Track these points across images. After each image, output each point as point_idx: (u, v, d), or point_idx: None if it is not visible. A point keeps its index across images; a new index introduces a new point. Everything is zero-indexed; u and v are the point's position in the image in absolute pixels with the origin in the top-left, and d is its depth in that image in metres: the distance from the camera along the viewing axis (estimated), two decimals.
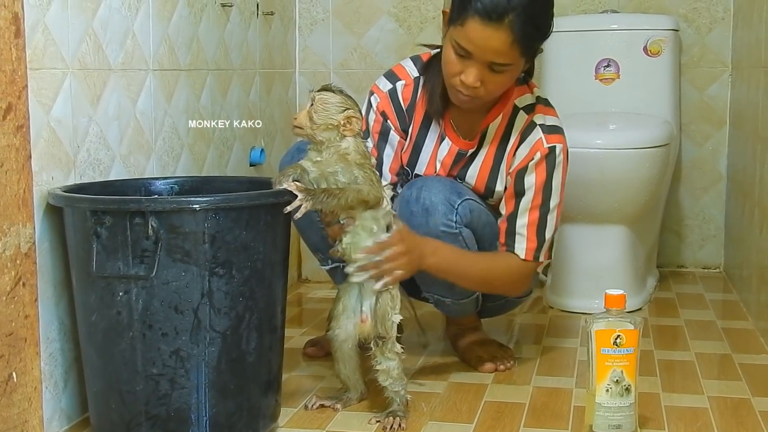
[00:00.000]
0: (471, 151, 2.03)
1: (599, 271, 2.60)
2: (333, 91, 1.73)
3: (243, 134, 2.57)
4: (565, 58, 2.95)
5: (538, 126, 1.99)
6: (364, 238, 1.74)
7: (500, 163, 2.02)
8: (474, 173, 2.03)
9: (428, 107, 2.04)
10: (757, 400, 1.90)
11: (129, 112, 1.95)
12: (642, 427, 1.75)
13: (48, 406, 1.68)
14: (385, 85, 2.09)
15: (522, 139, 1.99)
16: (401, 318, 1.79)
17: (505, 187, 2.01)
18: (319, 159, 1.72)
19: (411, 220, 1.89)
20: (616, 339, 1.67)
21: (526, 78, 2.05)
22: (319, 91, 1.73)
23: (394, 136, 2.07)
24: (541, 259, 2.01)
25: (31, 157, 1.60)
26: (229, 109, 2.48)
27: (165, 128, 2.11)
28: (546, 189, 1.98)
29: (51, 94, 1.68)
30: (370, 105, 2.08)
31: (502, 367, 2.10)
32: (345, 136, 1.71)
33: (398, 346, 1.78)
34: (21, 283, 1.57)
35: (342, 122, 1.70)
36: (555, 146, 1.98)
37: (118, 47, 1.90)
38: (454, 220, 1.92)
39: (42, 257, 1.65)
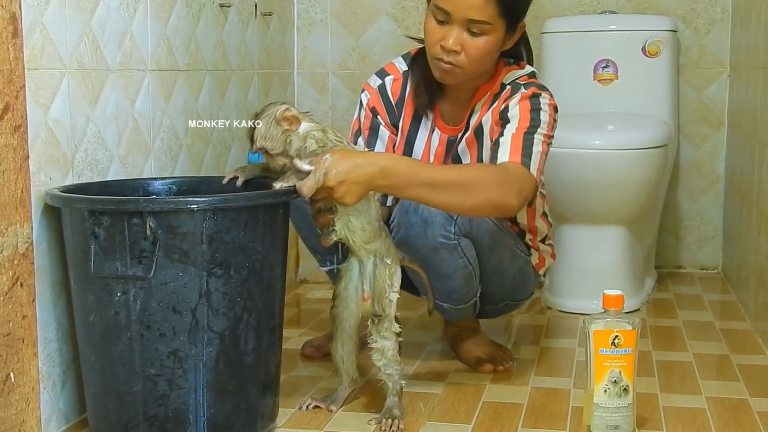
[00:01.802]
0: (460, 134, 2.03)
1: (597, 272, 2.60)
2: (253, 127, 1.71)
3: (241, 135, 2.57)
4: (564, 58, 2.96)
5: (521, 86, 1.94)
6: (355, 219, 1.72)
7: (485, 117, 1.98)
8: (464, 145, 2.01)
9: (415, 100, 2.04)
10: (755, 401, 1.90)
11: (127, 112, 1.95)
12: (640, 427, 1.75)
13: (46, 406, 1.67)
14: (375, 82, 2.09)
15: (505, 101, 1.94)
16: (398, 297, 1.77)
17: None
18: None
19: (409, 230, 1.88)
20: (614, 339, 1.67)
21: (517, 62, 2.03)
22: (255, 143, 1.72)
23: (384, 132, 2.07)
24: (533, 171, 1.82)
25: (28, 157, 1.60)
26: (227, 109, 2.48)
27: (163, 129, 2.10)
28: (534, 116, 1.88)
29: (49, 94, 1.68)
30: (361, 103, 2.09)
31: (500, 367, 2.10)
32: (297, 128, 1.69)
33: (396, 326, 1.76)
34: (19, 283, 1.57)
35: (284, 127, 1.69)
36: (540, 93, 1.92)
37: (116, 47, 1.90)
38: (453, 231, 1.90)
39: (40, 258, 1.65)
